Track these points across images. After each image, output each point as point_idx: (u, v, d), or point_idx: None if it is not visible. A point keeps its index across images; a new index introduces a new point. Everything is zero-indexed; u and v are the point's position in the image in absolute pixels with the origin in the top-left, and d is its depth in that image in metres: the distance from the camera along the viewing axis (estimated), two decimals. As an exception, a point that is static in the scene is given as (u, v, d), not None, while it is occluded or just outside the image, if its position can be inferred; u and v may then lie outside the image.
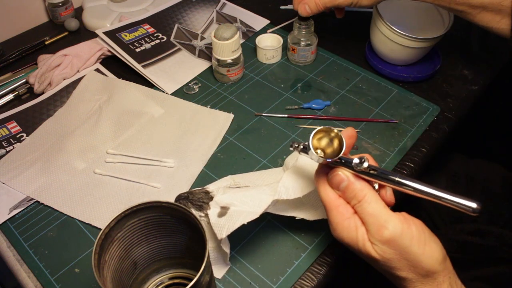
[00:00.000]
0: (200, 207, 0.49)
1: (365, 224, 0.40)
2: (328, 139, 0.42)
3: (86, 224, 0.57)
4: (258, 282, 0.51)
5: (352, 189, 0.41)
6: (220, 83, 0.77)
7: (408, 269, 0.39)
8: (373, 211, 0.39)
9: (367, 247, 0.39)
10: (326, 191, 0.42)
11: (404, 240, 0.38)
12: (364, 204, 0.40)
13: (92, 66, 0.81)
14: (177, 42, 0.85)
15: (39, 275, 0.52)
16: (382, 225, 0.38)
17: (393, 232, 0.38)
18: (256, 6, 0.93)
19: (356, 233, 0.40)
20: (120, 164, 0.64)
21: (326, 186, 0.42)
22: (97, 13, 0.91)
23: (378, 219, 0.39)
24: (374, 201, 0.40)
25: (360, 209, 0.40)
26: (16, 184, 0.61)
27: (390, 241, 0.38)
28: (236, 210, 0.47)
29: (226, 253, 0.49)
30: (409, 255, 0.38)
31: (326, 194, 0.42)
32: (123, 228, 0.42)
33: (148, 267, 0.48)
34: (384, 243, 0.38)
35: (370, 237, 0.39)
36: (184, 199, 0.50)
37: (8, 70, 0.81)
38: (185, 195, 0.50)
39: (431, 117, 0.69)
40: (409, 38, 0.69)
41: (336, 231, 0.42)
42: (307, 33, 0.75)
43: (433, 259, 0.38)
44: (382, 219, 0.39)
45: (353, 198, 0.41)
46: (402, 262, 0.39)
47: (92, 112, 0.72)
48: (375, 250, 0.39)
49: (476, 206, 0.36)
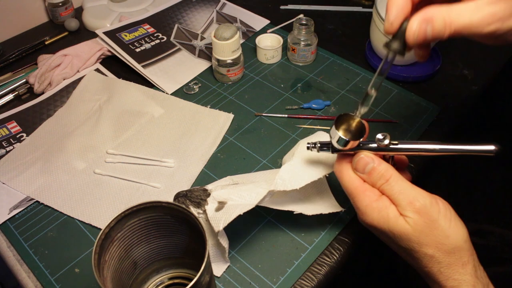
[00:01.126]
0: (198, 204, 0.49)
1: (395, 201, 0.40)
2: (346, 126, 0.43)
3: (86, 224, 0.57)
4: (258, 282, 0.51)
5: (378, 170, 0.41)
6: (220, 83, 0.77)
7: (435, 246, 0.39)
8: (401, 188, 0.40)
9: (400, 222, 0.40)
10: (350, 177, 0.43)
11: (433, 212, 0.39)
12: (392, 183, 0.41)
13: (92, 66, 0.81)
14: (177, 42, 0.85)
15: (39, 275, 0.52)
16: (413, 198, 0.39)
17: (423, 203, 0.39)
18: (256, 6, 0.93)
19: (387, 211, 0.40)
20: (120, 164, 0.64)
21: (350, 173, 0.43)
22: (97, 13, 0.91)
23: (408, 194, 0.40)
24: (400, 179, 0.41)
25: (388, 188, 0.41)
26: (16, 184, 0.61)
27: (421, 211, 0.39)
28: (233, 204, 0.48)
29: (225, 249, 0.49)
30: (437, 229, 0.39)
31: (351, 181, 0.43)
32: (123, 228, 0.42)
33: (148, 267, 0.48)
34: (416, 212, 0.39)
35: (402, 211, 0.40)
36: (182, 197, 0.50)
37: (8, 70, 0.81)
38: (183, 193, 0.50)
39: (431, 117, 0.69)
40: (409, 38, 0.69)
41: (366, 214, 0.42)
42: (307, 33, 0.75)
43: (459, 235, 0.39)
44: (411, 195, 0.40)
45: (380, 179, 0.41)
46: (431, 238, 0.39)
47: (92, 112, 0.72)
48: (408, 222, 0.39)
49: (495, 147, 0.38)
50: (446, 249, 0.39)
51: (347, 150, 0.43)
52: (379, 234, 0.43)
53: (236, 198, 0.49)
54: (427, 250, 0.39)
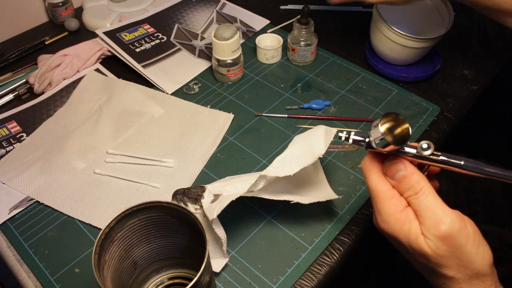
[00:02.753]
0: (195, 200, 0.49)
1: (420, 217, 0.38)
2: (391, 126, 0.39)
3: (86, 224, 0.57)
4: (258, 282, 0.51)
5: (409, 180, 0.38)
6: (220, 83, 0.77)
7: (457, 269, 0.37)
8: (430, 204, 0.37)
9: (420, 242, 0.37)
10: (378, 180, 0.40)
11: (460, 238, 0.36)
12: (421, 197, 0.38)
13: (92, 66, 0.81)
14: (177, 42, 0.85)
15: (39, 275, 0.52)
16: (439, 220, 0.36)
17: (450, 228, 0.36)
18: (256, 6, 0.93)
19: (409, 226, 0.38)
20: (120, 164, 0.64)
21: (379, 175, 0.40)
22: (97, 13, 0.91)
23: (435, 213, 0.37)
24: (431, 194, 0.38)
25: (416, 202, 0.38)
26: (16, 184, 0.61)
27: (446, 237, 0.36)
28: (228, 194, 0.48)
29: (222, 243, 0.49)
30: (463, 255, 0.37)
31: (378, 184, 0.40)
32: (123, 228, 0.42)
33: (148, 267, 0.48)
34: (439, 239, 0.36)
35: (424, 231, 0.37)
36: (180, 194, 0.50)
37: (8, 70, 0.81)
38: (181, 190, 0.51)
39: (431, 117, 0.69)
40: (409, 38, 0.69)
41: (387, 223, 0.39)
42: (307, 33, 0.75)
43: (485, 261, 0.37)
44: (439, 214, 0.37)
45: (409, 190, 0.39)
46: (454, 261, 0.37)
47: (92, 112, 0.72)
48: (429, 245, 0.37)
49: None
50: (469, 273, 0.37)
51: (382, 151, 0.40)
52: (395, 243, 0.41)
53: (230, 189, 0.49)
54: (447, 272, 0.37)
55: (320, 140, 0.51)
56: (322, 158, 0.62)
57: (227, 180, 0.52)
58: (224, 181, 0.52)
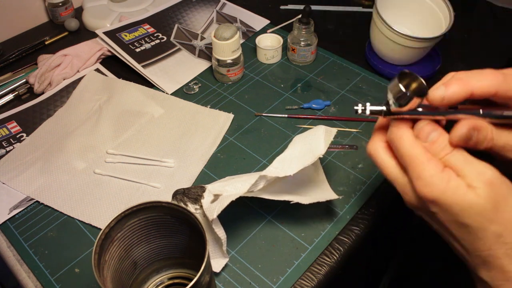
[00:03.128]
0: (195, 200, 0.49)
1: (461, 172, 0.37)
2: (407, 83, 0.39)
3: (86, 224, 0.57)
4: (258, 282, 0.51)
5: (443, 138, 0.38)
6: (220, 83, 0.77)
7: (504, 224, 0.36)
8: (467, 159, 0.38)
9: (470, 195, 0.36)
10: (413, 143, 0.39)
11: (503, 187, 0.36)
12: (457, 154, 0.38)
13: (92, 66, 0.81)
14: (177, 42, 0.85)
15: (39, 275, 0.52)
16: (481, 170, 0.37)
17: (495, 175, 0.36)
18: (256, 6, 0.93)
19: (455, 182, 0.37)
20: (120, 164, 0.64)
21: (412, 138, 0.39)
22: (97, 13, 0.91)
23: (476, 166, 0.37)
24: (464, 151, 0.38)
25: (453, 159, 0.38)
26: (16, 184, 0.61)
27: (493, 184, 0.36)
28: (228, 194, 0.48)
29: (222, 243, 0.49)
30: (508, 206, 0.36)
31: (414, 146, 0.39)
32: (123, 228, 0.42)
33: (148, 267, 0.48)
34: (487, 185, 0.36)
35: (470, 182, 0.36)
36: (180, 194, 0.50)
37: (8, 70, 0.81)
38: (181, 190, 0.50)
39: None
40: (409, 38, 0.69)
41: (430, 186, 0.37)
42: (307, 33, 0.75)
43: None
44: (479, 166, 0.37)
45: (444, 148, 0.38)
46: (501, 213, 0.36)
47: (92, 112, 0.72)
48: (479, 195, 0.36)
49: None
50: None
51: (404, 113, 0.39)
52: (435, 212, 0.39)
53: (230, 189, 0.49)
54: (496, 228, 0.36)
55: (320, 140, 0.51)
56: (322, 158, 0.62)
57: (227, 180, 0.52)
58: (224, 181, 0.52)
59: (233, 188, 0.49)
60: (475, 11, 0.64)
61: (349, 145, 0.65)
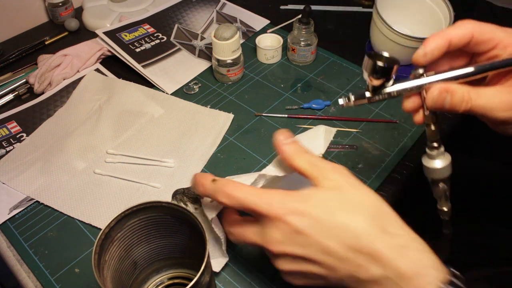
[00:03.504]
0: (195, 200, 0.49)
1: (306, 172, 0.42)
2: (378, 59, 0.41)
3: (86, 224, 0.57)
4: (258, 282, 0.50)
5: (299, 144, 0.43)
6: (220, 83, 0.77)
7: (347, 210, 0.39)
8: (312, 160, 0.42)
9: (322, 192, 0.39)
10: (245, 190, 0.40)
11: (346, 177, 0.40)
12: (307, 155, 0.43)
13: (92, 66, 0.81)
14: (177, 42, 0.85)
15: (39, 275, 0.52)
16: (324, 165, 0.41)
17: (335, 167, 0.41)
18: (256, 6, 0.93)
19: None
20: (120, 164, 0.64)
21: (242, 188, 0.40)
22: (97, 13, 0.91)
23: (322, 165, 0.41)
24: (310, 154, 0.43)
25: (307, 156, 0.42)
26: (16, 184, 0.61)
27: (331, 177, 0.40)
28: None
29: (222, 242, 0.49)
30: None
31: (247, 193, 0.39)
32: (123, 228, 0.42)
33: (148, 267, 0.48)
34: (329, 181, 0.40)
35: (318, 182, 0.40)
36: (180, 194, 0.50)
37: (8, 70, 0.81)
38: (181, 190, 0.50)
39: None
40: (409, 38, 0.69)
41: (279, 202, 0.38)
42: (307, 33, 0.75)
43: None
44: (327, 165, 0.41)
45: (300, 150, 0.42)
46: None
47: (92, 112, 0.72)
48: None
49: None
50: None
51: (383, 86, 0.42)
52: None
53: None
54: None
55: (320, 139, 0.51)
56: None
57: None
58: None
59: None
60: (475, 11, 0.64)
61: (349, 145, 0.65)
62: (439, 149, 0.42)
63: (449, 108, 0.39)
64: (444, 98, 0.39)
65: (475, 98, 0.39)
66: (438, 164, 0.42)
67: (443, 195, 0.43)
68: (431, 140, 0.42)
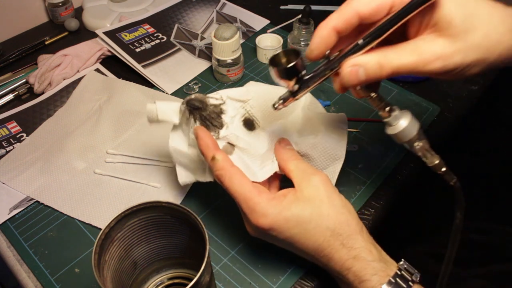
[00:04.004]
0: (206, 126, 0.48)
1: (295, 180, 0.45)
2: (282, 58, 0.41)
3: (86, 224, 0.57)
4: (258, 282, 0.50)
5: (294, 150, 0.49)
6: (220, 83, 0.77)
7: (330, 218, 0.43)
8: (300, 166, 0.47)
9: (296, 209, 0.43)
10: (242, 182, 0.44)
11: (328, 186, 0.45)
12: (297, 161, 0.48)
13: (92, 66, 0.81)
14: (177, 42, 0.85)
15: (39, 275, 0.52)
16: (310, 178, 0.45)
17: (319, 179, 0.45)
18: (256, 6, 0.93)
19: (284, 203, 0.43)
20: (120, 164, 0.64)
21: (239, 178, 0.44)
22: (97, 13, 0.91)
23: (306, 173, 0.45)
24: (302, 160, 0.48)
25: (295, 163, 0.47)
26: (16, 184, 0.61)
27: (317, 186, 0.44)
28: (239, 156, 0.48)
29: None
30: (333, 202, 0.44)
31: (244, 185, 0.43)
32: (123, 228, 0.42)
33: (148, 267, 0.48)
34: (313, 188, 0.44)
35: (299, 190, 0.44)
36: (196, 109, 0.48)
37: (8, 70, 0.81)
38: (197, 105, 0.48)
39: (431, 117, 0.69)
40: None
41: (267, 215, 0.42)
42: (307, 33, 0.75)
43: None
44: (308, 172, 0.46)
45: (293, 155, 0.48)
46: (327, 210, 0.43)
47: (92, 112, 0.72)
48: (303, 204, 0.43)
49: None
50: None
51: (302, 80, 0.41)
52: (275, 235, 0.43)
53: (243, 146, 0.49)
54: (327, 223, 0.42)
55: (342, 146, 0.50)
56: None
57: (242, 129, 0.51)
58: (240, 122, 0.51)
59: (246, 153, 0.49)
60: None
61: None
62: (392, 113, 0.41)
63: (370, 78, 0.38)
64: (356, 72, 0.38)
65: (392, 60, 0.37)
66: (400, 126, 0.40)
67: (426, 151, 0.41)
68: (379, 108, 0.41)
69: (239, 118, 0.51)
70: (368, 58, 0.38)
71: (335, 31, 0.38)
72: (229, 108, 0.50)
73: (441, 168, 0.41)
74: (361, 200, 0.58)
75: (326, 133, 0.49)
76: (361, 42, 0.38)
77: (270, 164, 0.48)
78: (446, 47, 0.36)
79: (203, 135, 0.46)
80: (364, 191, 0.59)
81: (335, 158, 0.50)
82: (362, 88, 0.40)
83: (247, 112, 0.51)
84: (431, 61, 0.36)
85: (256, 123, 0.51)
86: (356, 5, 0.37)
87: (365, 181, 0.60)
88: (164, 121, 0.50)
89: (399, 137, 0.41)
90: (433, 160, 0.41)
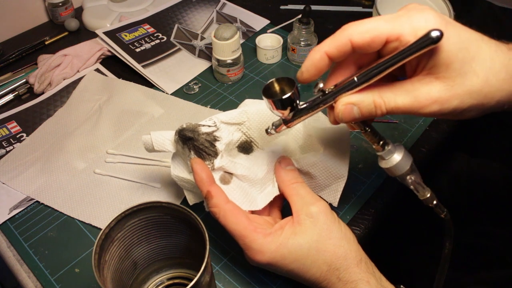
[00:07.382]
0: (201, 156, 0.46)
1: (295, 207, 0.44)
2: (278, 88, 0.41)
3: (86, 224, 0.57)
4: (258, 282, 0.50)
5: (295, 172, 0.48)
6: (220, 83, 0.77)
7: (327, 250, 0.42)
8: (300, 192, 0.45)
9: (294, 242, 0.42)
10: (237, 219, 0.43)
11: (329, 217, 0.43)
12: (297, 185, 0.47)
13: (92, 66, 0.81)
14: (177, 42, 0.85)
15: (39, 275, 0.52)
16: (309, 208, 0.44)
17: (319, 209, 0.43)
18: (256, 6, 0.93)
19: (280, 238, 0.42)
20: (120, 164, 0.64)
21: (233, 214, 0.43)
22: (97, 13, 0.91)
23: (306, 201, 0.44)
24: (304, 184, 0.47)
25: (295, 186, 0.46)
26: (16, 184, 0.61)
27: (317, 219, 0.43)
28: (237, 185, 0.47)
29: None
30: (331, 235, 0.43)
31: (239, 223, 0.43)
32: (123, 228, 0.42)
33: (148, 267, 0.48)
34: (312, 221, 0.43)
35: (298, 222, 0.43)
36: (188, 140, 0.46)
37: (8, 70, 0.81)
38: (189, 135, 0.46)
39: (431, 117, 0.69)
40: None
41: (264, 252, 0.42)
42: (307, 33, 0.75)
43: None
44: (308, 201, 0.44)
45: (293, 178, 0.46)
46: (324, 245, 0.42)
47: (92, 112, 0.72)
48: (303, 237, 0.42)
49: (438, 33, 0.32)
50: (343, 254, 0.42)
51: (297, 108, 0.41)
52: (275, 269, 0.43)
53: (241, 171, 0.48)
54: (324, 257, 0.41)
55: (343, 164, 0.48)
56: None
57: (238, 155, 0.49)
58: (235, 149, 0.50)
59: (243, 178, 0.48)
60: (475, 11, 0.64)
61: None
62: (386, 147, 0.41)
63: (364, 117, 0.37)
64: (351, 109, 0.37)
65: (389, 101, 0.36)
66: (394, 161, 0.40)
67: (417, 185, 0.41)
68: (373, 142, 0.41)
69: (234, 143, 0.49)
70: (363, 97, 0.37)
71: (327, 56, 0.38)
72: (223, 133, 0.48)
73: (433, 201, 0.41)
74: (361, 200, 0.58)
75: (327, 151, 0.47)
76: (357, 81, 0.37)
77: (270, 186, 0.48)
78: (443, 91, 0.35)
79: (197, 169, 0.44)
80: (364, 191, 0.59)
81: (337, 177, 0.48)
82: (356, 123, 0.40)
83: (244, 134, 0.50)
84: (427, 105, 0.35)
85: (254, 144, 0.50)
86: (350, 33, 0.37)
87: (365, 181, 0.60)
88: (162, 151, 0.49)
89: (392, 171, 0.41)
90: (425, 194, 0.41)
